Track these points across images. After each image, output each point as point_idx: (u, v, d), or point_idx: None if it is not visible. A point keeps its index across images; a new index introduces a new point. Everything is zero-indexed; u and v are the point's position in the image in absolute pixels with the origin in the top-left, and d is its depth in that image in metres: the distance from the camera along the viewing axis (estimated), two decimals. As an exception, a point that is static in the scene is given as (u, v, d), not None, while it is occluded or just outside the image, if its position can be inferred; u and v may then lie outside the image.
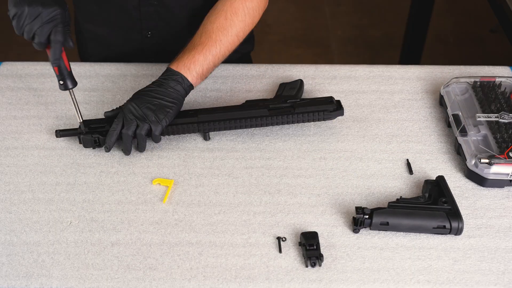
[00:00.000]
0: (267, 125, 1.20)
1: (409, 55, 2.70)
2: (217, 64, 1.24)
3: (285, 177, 1.14)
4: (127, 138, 1.14)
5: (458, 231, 1.02)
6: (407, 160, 1.18)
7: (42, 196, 1.11)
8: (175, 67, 1.19)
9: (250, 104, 1.22)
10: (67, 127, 1.24)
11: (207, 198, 1.10)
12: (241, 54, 1.49)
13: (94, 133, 1.17)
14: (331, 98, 1.22)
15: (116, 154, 1.19)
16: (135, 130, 1.14)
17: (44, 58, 1.24)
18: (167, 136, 1.22)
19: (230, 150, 1.20)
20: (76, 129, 1.19)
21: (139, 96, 1.17)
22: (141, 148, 1.17)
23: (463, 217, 1.03)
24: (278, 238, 1.03)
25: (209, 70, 1.23)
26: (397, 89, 1.34)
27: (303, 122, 1.21)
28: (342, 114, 1.22)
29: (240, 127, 1.20)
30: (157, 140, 1.16)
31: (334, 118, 1.22)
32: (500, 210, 1.08)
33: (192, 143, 1.21)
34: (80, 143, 1.18)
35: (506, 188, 1.12)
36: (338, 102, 1.22)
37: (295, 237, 1.04)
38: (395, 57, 2.82)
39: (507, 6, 1.85)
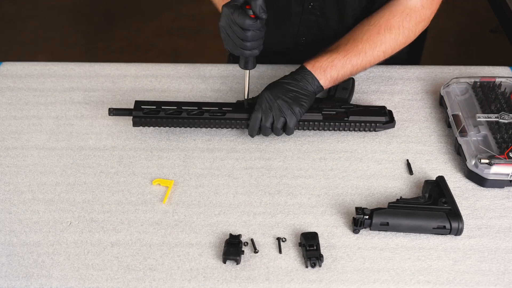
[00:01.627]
0: (319, 129, 1.21)
1: (409, 55, 2.69)
2: (354, 74, 1.22)
3: (285, 178, 1.14)
4: (266, 130, 1.15)
5: (458, 232, 1.02)
6: (407, 160, 1.18)
7: (42, 197, 1.11)
8: (310, 67, 1.18)
9: None
10: (68, 127, 1.24)
11: (207, 198, 1.10)
12: None
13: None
14: (384, 108, 1.21)
15: (115, 155, 1.19)
16: (272, 122, 1.14)
17: (44, 59, 1.24)
18: (166, 137, 1.22)
19: (230, 150, 1.20)
20: (129, 109, 1.19)
21: (274, 87, 1.15)
22: (277, 135, 1.17)
23: (463, 217, 1.03)
24: (278, 239, 1.03)
25: (344, 77, 1.20)
26: (397, 90, 1.34)
27: (354, 130, 1.21)
28: (393, 126, 1.21)
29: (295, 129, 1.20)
30: (290, 132, 1.16)
31: (383, 130, 1.22)
32: (500, 211, 1.08)
33: (192, 143, 1.21)
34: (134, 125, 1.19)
35: (506, 189, 1.12)
36: (390, 113, 1.22)
37: (295, 238, 1.04)
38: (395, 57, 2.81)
39: (507, 6, 1.85)
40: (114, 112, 1.21)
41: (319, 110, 1.20)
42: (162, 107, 1.19)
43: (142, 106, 1.20)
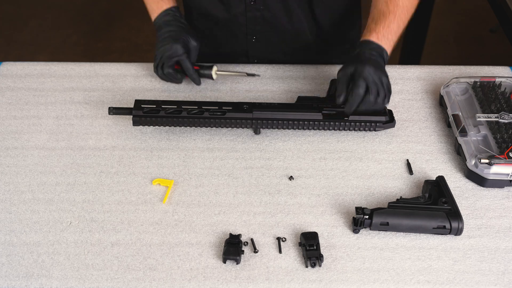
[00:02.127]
0: (319, 129, 1.21)
1: (409, 55, 2.70)
2: (403, 30, 1.23)
3: (285, 178, 1.14)
4: (369, 104, 1.14)
5: (458, 231, 1.02)
6: (407, 160, 1.18)
7: (42, 196, 1.11)
8: (375, 39, 1.17)
9: (304, 104, 1.21)
10: (68, 127, 1.24)
11: (207, 198, 1.10)
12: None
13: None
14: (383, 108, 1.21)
15: (115, 154, 1.19)
16: (376, 96, 1.14)
17: (44, 59, 1.24)
18: (166, 136, 1.22)
19: (230, 150, 1.20)
20: (129, 108, 1.21)
21: (369, 63, 1.14)
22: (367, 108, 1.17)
23: (463, 217, 1.03)
24: (278, 239, 1.03)
25: (398, 37, 1.22)
26: (397, 89, 1.34)
27: (354, 130, 1.21)
28: (393, 126, 1.21)
29: (293, 128, 1.20)
30: (386, 103, 1.17)
31: (383, 130, 1.22)
32: (500, 210, 1.08)
33: (192, 143, 1.21)
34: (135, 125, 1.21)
35: (506, 188, 1.12)
36: (390, 112, 1.22)
37: (295, 238, 1.04)
38: (395, 57, 2.82)
39: (507, 6, 1.85)
40: (114, 111, 1.21)
41: (319, 109, 1.20)
42: (162, 106, 1.19)
43: (142, 106, 1.20)
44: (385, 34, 1.18)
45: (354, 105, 1.14)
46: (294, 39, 1.40)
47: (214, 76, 1.33)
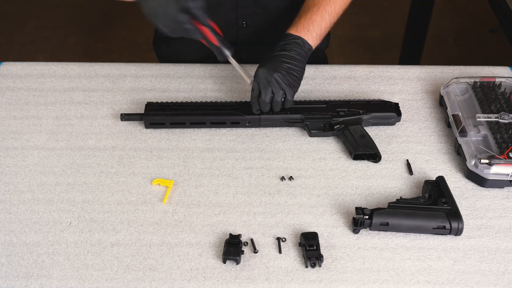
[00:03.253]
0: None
1: (409, 55, 2.70)
2: (333, 23, 1.25)
3: (285, 178, 1.14)
4: (265, 105, 1.17)
5: (458, 232, 1.02)
6: (407, 160, 1.18)
7: (42, 197, 1.11)
8: (294, 31, 1.19)
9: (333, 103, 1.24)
10: (68, 127, 1.24)
11: (207, 198, 1.10)
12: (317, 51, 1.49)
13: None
14: (387, 102, 1.24)
15: (115, 155, 1.19)
16: (271, 97, 1.16)
17: (44, 59, 1.24)
18: (166, 137, 1.22)
19: (230, 150, 1.20)
20: (140, 114, 1.22)
21: (268, 62, 1.16)
22: (276, 109, 1.19)
23: (463, 217, 1.03)
24: (278, 239, 1.03)
25: (326, 30, 1.23)
26: (397, 90, 1.34)
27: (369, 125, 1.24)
28: (399, 120, 1.24)
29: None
30: (289, 104, 1.18)
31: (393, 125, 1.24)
32: (500, 211, 1.08)
33: (192, 143, 1.21)
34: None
35: (506, 189, 1.12)
36: (397, 106, 1.24)
37: (295, 238, 1.04)
38: (395, 57, 2.82)
39: (507, 6, 1.85)
40: (126, 117, 1.22)
41: (332, 113, 1.22)
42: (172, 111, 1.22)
43: (153, 112, 1.22)
44: (305, 26, 1.20)
45: (254, 105, 1.19)
46: (285, 19, 1.37)
47: (220, 58, 1.21)
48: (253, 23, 1.39)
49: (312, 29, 1.20)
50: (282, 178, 1.14)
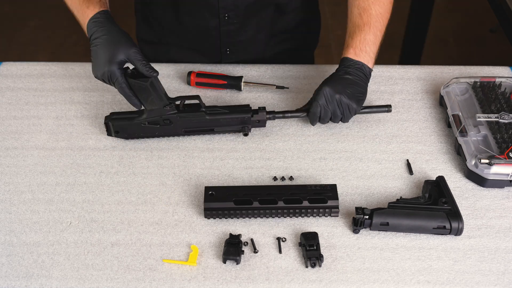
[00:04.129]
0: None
1: (409, 55, 2.70)
2: (382, 36, 1.23)
3: (285, 177, 1.14)
4: (325, 121, 1.19)
5: (458, 232, 1.02)
6: (407, 160, 1.18)
7: (42, 197, 1.11)
8: (353, 55, 1.18)
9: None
10: (68, 127, 1.24)
11: (207, 198, 1.10)
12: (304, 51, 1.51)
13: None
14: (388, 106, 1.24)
15: (115, 155, 1.19)
16: (330, 117, 1.18)
17: (44, 59, 1.24)
18: (167, 137, 1.22)
19: (230, 150, 1.20)
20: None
21: (333, 82, 1.16)
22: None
23: (463, 217, 1.03)
24: (278, 239, 1.03)
25: (379, 47, 1.23)
26: (397, 89, 1.34)
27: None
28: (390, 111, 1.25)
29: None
30: (346, 121, 1.20)
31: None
32: (500, 211, 1.08)
33: (192, 143, 1.21)
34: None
35: (506, 189, 1.12)
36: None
37: (295, 238, 1.04)
38: (395, 57, 2.82)
39: (507, 6, 1.85)
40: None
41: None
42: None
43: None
44: (362, 48, 1.18)
45: (313, 121, 1.20)
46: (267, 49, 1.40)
47: (242, 87, 1.30)
48: (236, 51, 1.40)
49: (369, 50, 1.19)
50: (291, 178, 1.13)
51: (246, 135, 1.20)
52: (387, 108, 1.23)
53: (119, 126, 1.18)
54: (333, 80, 1.17)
